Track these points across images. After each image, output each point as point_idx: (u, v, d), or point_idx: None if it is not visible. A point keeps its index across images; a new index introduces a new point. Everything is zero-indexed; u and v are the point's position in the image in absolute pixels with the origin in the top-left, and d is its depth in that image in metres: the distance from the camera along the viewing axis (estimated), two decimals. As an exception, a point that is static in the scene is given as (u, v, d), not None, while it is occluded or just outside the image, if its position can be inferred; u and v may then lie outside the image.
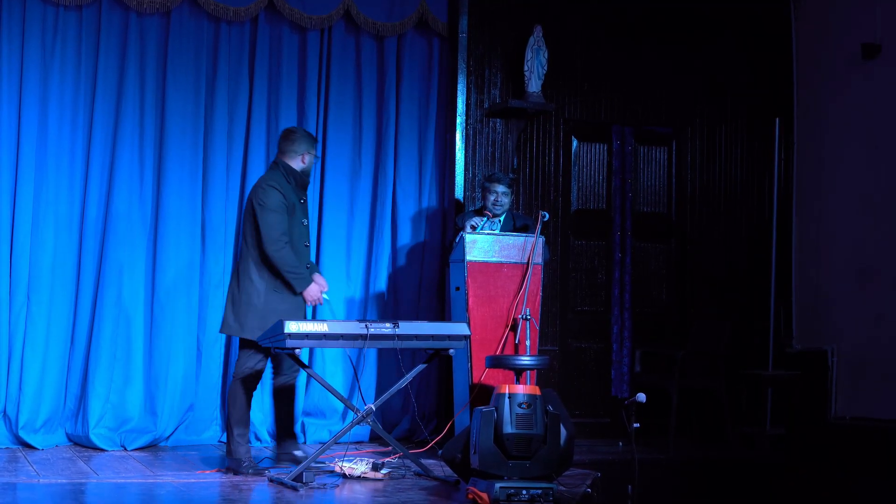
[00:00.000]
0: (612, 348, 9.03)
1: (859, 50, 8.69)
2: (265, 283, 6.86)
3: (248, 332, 6.86)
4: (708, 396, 8.70)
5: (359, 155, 8.63)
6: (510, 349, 7.41)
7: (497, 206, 7.87)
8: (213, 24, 8.28)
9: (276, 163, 7.06)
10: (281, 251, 6.80)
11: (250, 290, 6.87)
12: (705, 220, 9.37)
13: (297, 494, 6.14)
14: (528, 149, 8.94)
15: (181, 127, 8.16)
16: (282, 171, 6.97)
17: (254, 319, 6.84)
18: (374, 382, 8.55)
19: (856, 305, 8.72)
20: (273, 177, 6.95)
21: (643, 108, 9.24)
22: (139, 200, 8.07)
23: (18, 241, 7.80)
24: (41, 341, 7.82)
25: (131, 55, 8.05)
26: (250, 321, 6.85)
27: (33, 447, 7.64)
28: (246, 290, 6.88)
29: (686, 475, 7.87)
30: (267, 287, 6.86)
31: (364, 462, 6.80)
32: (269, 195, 6.84)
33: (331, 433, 8.15)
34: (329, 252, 8.53)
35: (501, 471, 5.97)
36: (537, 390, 6.17)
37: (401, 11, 8.64)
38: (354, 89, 8.64)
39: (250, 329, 6.84)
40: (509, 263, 7.50)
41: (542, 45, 8.69)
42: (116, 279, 7.96)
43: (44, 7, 7.89)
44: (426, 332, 6.78)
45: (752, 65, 9.43)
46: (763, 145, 9.37)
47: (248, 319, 6.86)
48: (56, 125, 7.91)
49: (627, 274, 9.08)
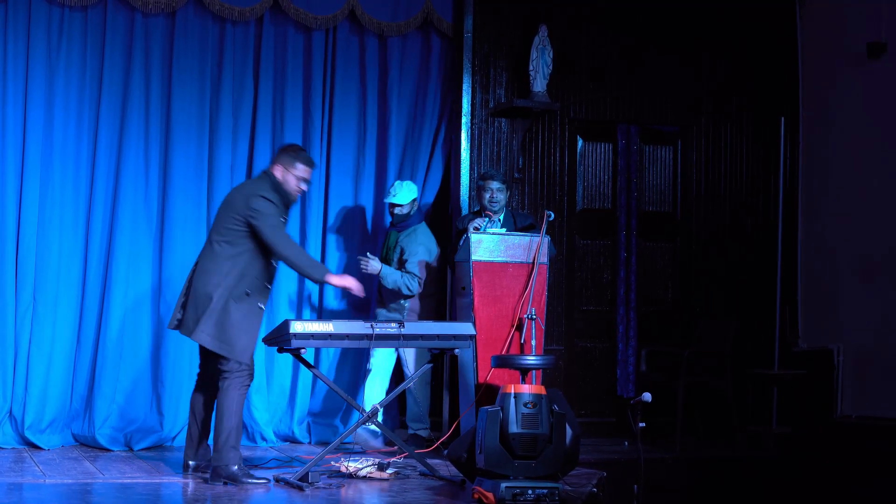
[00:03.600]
0: (618, 347, 9.03)
1: (865, 49, 8.69)
2: (226, 290, 6.49)
3: (199, 336, 6.52)
4: (714, 395, 8.69)
5: (363, 154, 8.63)
6: (516, 349, 7.40)
7: (493, 203, 7.86)
8: (218, 25, 8.28)
9: (265, 173, 6.80)
10: (289, 248, 6.59)
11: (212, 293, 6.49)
12: (711, 220, 9.36)
13: (303, 494, 6.14)
14: (534, 148, 8.94)
15: (186, 127, 8.16)
16: (270, 183, 6.68)
17: (208, 325, 6.49)
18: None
19: (862, 304, 8.71)
20: (264, 187, 6.64)
21: (648, 108, 9.23)
22: (145, 200, 8.08)
23: (24, 241, 7.81)
24: (47, 341, 7.83)
25: (136, 55, 8.06)
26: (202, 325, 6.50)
27: (39, 447, 7.65)
28: (206, 294, 6.50)
29: (692, 474, 7.86)
30: (227, 294, 6.49)
31: (369, 462, 6.80)
32: (265, 204, 6.55)
33: (336, 433, 8.16)
34: (333, 252, 8.53)
35: (507, 470, 5.97)
36: (543, 390, 6.17)
37: (406, 11, 8.64)
38: (359, 89, 8.64)
39: (200, 332, 6.50)
40: (515, 263, 7.49)
41: (547, 44, 8.69)
42: (123, 279, 7.97)
43: (49, 8, 7.90)
44: (432, 332, 6.79)
45: (757, 64, 9.42)
46: (768, 144, 9.36)
47: (201, 323, 6.49)
48: (62, 126, 7.92)
49: (633, 273, 9.07)
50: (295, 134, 8.41)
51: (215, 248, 6.61)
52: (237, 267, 6.56)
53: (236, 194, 6.75)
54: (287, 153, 6.80)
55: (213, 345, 6.48)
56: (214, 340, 6.47)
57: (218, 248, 6.60)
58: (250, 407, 8.19)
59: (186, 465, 6.77)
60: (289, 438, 8.37)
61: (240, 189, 6.82)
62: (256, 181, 6.82)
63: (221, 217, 6.69)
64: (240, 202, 6.62)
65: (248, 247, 6.59)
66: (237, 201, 6.65)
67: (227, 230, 6.60)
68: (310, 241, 8.43)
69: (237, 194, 6.74)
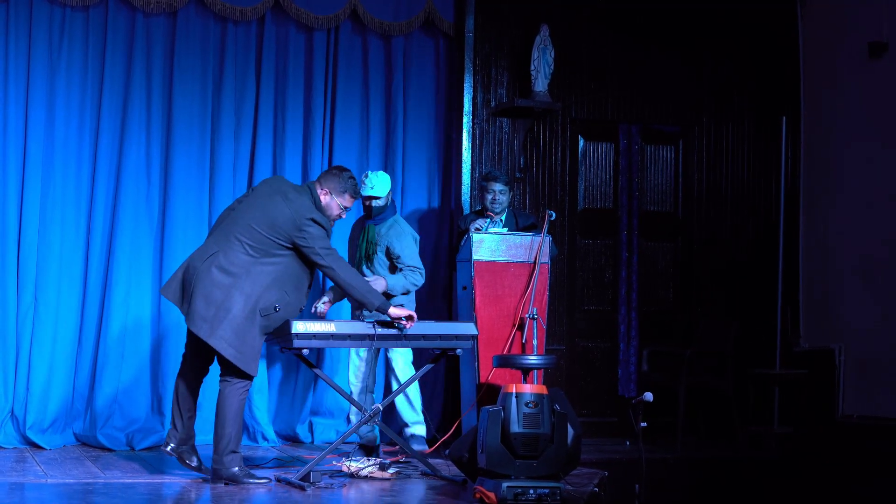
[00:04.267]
0: (619, 347, 9.03)
1: (866, 48, 8.69)
2: (257, 301, 6.28)
3: (216, 341, 6.28)
4: (715, 395, 8.69)
5: (366, 155, 8.63)
6: (517, 348, 7.40)
7: (496, 205, 7.87)
8: (219, 25, 8.29)
9: (308, 187, 6.56)
10: (350, 271, 6.44)
11: (244, 302, 6.28)
12: (712, 219, 9.36)
13: (305, 494, 6.14)
14: (535, 148, 8.94)
15: (188, 127, 8.17)
16: (313, 202, 6.46)
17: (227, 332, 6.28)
18: (381, 382, 8.54)
19: (863, 304, 8.71)
20: (311, 208, 6.39)
21: (650, 107, 9.23)
22: (146, 200, 8.08)
23: (26, 241, 7.82)
24: (49, 342, 7.83)
25: (138, 55, 8.07)
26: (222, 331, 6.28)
27: (41, 447, 7.66)
28: (237, 300, 6.28)
29: (693, 474, 7.86)
30: (256, 306, 6.28)
31: (371, 462, 6.80)
32: (316, 230, 6.33)
33: (338, 433, 8.16)
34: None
35: (508, 470, 5.97)
36: (544, 389, 6.17)
37: (407, 11, 8.64)
38: (361, 89, 8.64)
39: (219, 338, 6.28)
40: (516, 263, 7.49)
41: (548, 44, 8.69)
42: (124, 279, 7.97)
43: (50, 8, 7.90)
44: (433, 332, 6.78)
45: (758, 63, 9.42)
46: (770, 144, 9.36)
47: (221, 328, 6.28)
48: (63, 126, 7.93)
49: (634, 273, 9.07)
50: (297, 134, 8.42)
51: (243, 254, 6.32)
52: (269, 278, 6.32)
53: (282, 205, 6.37)
54: (338, 178, 6.55)
55: (229, 353, 6.26)
56: (231, 349, 6.26)
57: (246, 255, 6.31)
58: (252, 407, 8.19)
59: (167, 444, 6.57)
60: (290, 438, 8.37)
61: (284, 198, 6.41)
62: (301, 195, 6.47)
63: (253, 221, 6.35)
64: (285, 220, 6.32)
65: (284, 261, 6.37)
66: (282, 216, 6.33)
67: (263, 239, 6.32)
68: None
69: (283, 205, 6.37)
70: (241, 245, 6.33)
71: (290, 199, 6.42)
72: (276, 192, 6.48)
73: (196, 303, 6.30)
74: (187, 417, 6.60)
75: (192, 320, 6.33)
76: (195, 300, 6.31)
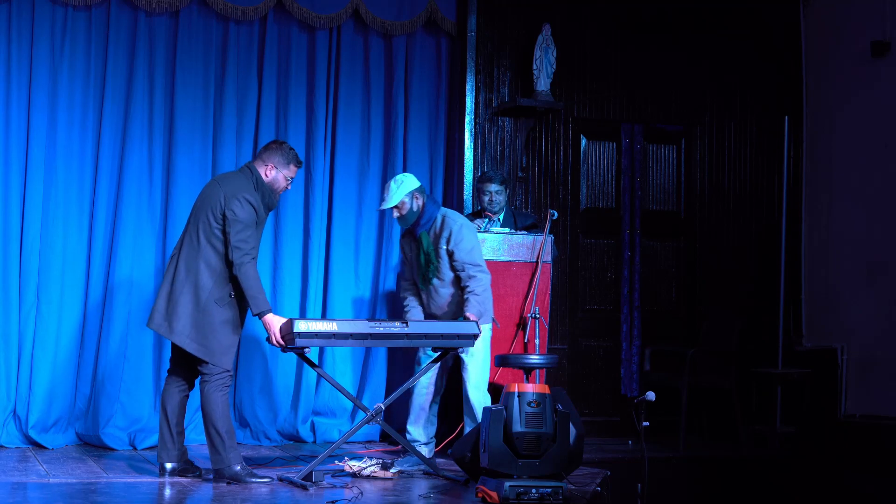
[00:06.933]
0: (622, 346, 9.03)
1: (869, 47, 8.68)
2: (208, 291, 6.34)
3: (176, 337, 6.37)
4: (718, 394, 8.69)
5: (367, 154, 8.63)
6: (519, 348, 7.40)
7: (493, 205, 7.88)
8: (221, 24, 8.29)
9: (248, 168, 6.52)
10: (247, 266, 6.31)
11: (194, 293, 6.34)
12: (715, 218, 9.36)
13: (307, 493, 6.14)
14: (537, 147, 8.94)
15: (190, 126, 8.17)
16: (253, 181, 6.44)
17: (185, 325, 6.35)
18: (383, 382, 8.55)
19: (866, 303, 8.70)
20: (247, 187, 6.38)
21: (652, 107, 9.23)
22: (148, 200, 8.08)
23: (28, 241, 7.82)
24: (51, 341, 7.83)
25: (140, 55, 8.07)
26: (181, 325, 6.36)
27: (43, 447, 7.66)
28: (187, 292, 6.34)
29: (696, 474, 7.86)
30: (209, 296, 6.34)
31: (373, 461, 6.80)
32: (244, 209, 6.31)
33: (340, 432, 8.16)
34: (338, 252, 8.53)
35: (511, 469, 5.96)
36: (547, 389, 6.16)
37: (409, 10, 8.64)
38: (363, 88, 8.64)
39: (178, 333, 6.36)
40: (518, 262, 7.49)
41: (550, 43, 8.69)
42: (126, 279, 7.97)
43: (52, 7, 7.90)
44: (436, 331, 6.77)
45: (761, 63, 9.42)
46: (772, 143, 9.35)
47: (179, 323, 6.35)
48: (65, 125, 7.93)
49: (637, 272, 9.07)
50: (299, 134, 8.41)
51: (195, 246, 6.37)
52: (220, 265, 6.37)
53: (217, 189, 6.42)
54: (278, 151, 6.53)
55: (192, 347, 6.33)
56: (193, 343, 6.32)
57: (198, 247, 6.36)
58: (254, 406, 8.20)
59: (163, 469, 6.56)
60: (293, 438, 8.37)
61: (221, 184, 6.47)
62: (239, 177, 6.50)
63: (200, 213, 6.41)
64: (219, 201, 6.35)
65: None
66: (215, 199, 6.37)
67: (208, 228, 6.35)
68: (313, 243, 8.41)
69: (217, 189, 6.42)
70: (192, 239, 6.41)
71: (224, 182, 6.50)
72: (213, 182, 6.60)
73: (156, 303, 6.45)
74: (177, 433, 6.61)
75: (152, 320, 6.45)
76: (156, 301, 6.46)
